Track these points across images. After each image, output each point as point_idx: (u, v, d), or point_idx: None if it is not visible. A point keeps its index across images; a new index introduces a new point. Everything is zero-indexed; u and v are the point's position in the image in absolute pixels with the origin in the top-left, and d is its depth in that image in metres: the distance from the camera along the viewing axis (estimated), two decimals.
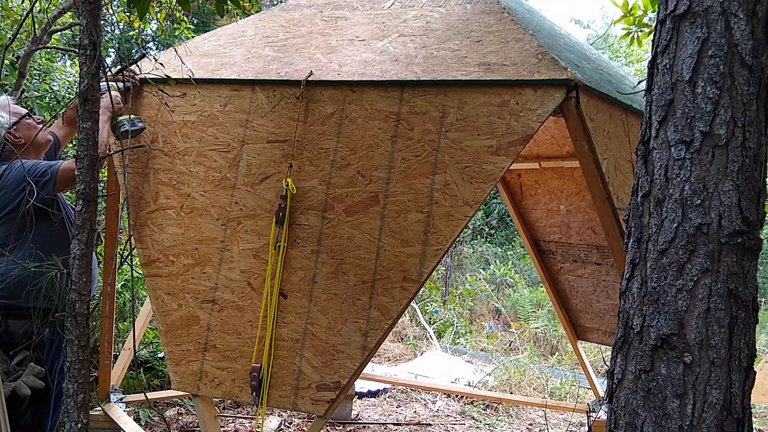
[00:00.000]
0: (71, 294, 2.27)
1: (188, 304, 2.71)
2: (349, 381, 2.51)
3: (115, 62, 9.72)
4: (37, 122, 2.97)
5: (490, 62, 2.57)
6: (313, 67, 2.78)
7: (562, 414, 5.35)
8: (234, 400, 4.54)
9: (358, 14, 3.18)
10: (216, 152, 2.81)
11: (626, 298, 1.75)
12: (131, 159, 2.89)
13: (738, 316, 1.61)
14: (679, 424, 1.60)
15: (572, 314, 5.03)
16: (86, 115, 2.28)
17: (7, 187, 2.74)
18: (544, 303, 9.09)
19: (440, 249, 2.45)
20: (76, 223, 2.31)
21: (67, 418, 2.23)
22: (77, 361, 2.26)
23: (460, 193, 2.46)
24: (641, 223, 1.73)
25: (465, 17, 2.92)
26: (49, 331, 2.72)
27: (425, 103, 2.58)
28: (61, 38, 6.93)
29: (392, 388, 5.67)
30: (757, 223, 1.64)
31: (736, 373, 1.60)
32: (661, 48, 1.73)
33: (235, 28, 3.30)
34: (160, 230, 2.81)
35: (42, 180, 2.70)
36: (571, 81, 2.39)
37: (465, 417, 5.17)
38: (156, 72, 2.76)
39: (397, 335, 7.83)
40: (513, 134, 2.43)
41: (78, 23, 2.64)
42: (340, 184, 2.62)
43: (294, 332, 2.57)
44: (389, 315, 2.46)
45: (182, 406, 4.74)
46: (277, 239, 2.63)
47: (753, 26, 1.63)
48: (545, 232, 4.92)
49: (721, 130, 1.61)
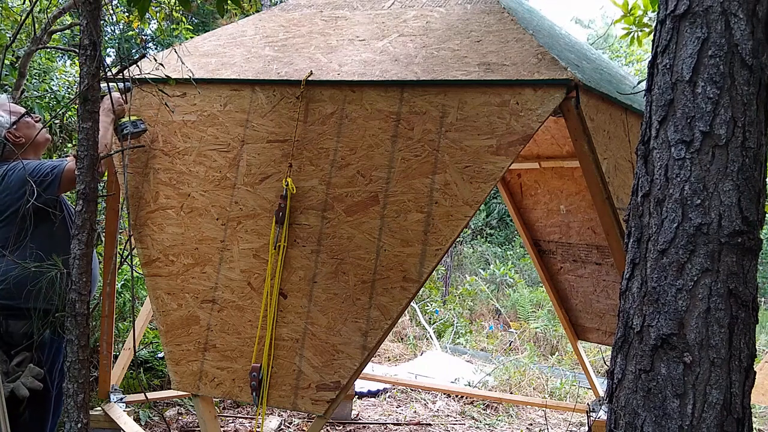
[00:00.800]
0: (71, 294, 2.27)
1: (188, 304, 2.71)
2: (349, 381, 2.51)
3: (115, 62, 9.73)
4: (35, 120, 2.96)
5: (490, 62, 2.57)
6: (313, 67, 2.78)
7: (562, 414, 5.35)
8: (234, 400, 4.55)
9: (358, 14, 3.18)
10: (216, 152, 2.81)
11: (626, 298, 1.75)
12: (131, 159, 2.89)
13: (738, 316, 1.61)
14: (679, 424, 1.60)
15: (572, 314, 5.03)
16: (86, 115, 2.27)
17: (11, 188, 2.73)
18: (544, 303, 9.09)
19: (440, 249, 2.45)
20: (75, 223, 2.31)
21: (67, 418, 2.23)
22: (77, 361, 2.26)
23: (460, 193, 2.46)
24: (641, 223, 1.73)
25: (465, 17, 2.92)
26: (50, 332, 2.71)
27: (425, 103, 2.58)
28: (61, 38, 6.93)
29: (392, 388, 5.67)
30: (757, 223, 1.64)
31: (736, 373, 1.60)
32: (661, 48, 1.73)
33: (235, 28, 3.30)
34: (160, 230, 2.81)
35: (46, 181, 2.69)
36: (571, 81, 2.39)
37: (465, 417, 5.17)
38: (156, 72, 2.76)
39: (397, 335, 7.83)
40: (513, 134, 2.43)
41: (78, 23, 2.64)
42: (340, 183, 2.62)
43: (294, 332, 2.57)
44: (389, 315, 2.46)
45: (182, 406, 4.74)
46: (277, 239, 2.63)
47: (753, 26, 1.63)
48: (545, 232, 4.92)
49: (721, 130, 1.61)
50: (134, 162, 2.90)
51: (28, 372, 2.65)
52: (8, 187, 2.73)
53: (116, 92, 2.77)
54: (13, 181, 2.73)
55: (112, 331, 3.76)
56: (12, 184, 2.73)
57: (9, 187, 2.73)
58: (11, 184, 2.73)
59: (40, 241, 2.71)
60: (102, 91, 2.44)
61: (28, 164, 2.68)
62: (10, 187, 2.73)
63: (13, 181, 2.73)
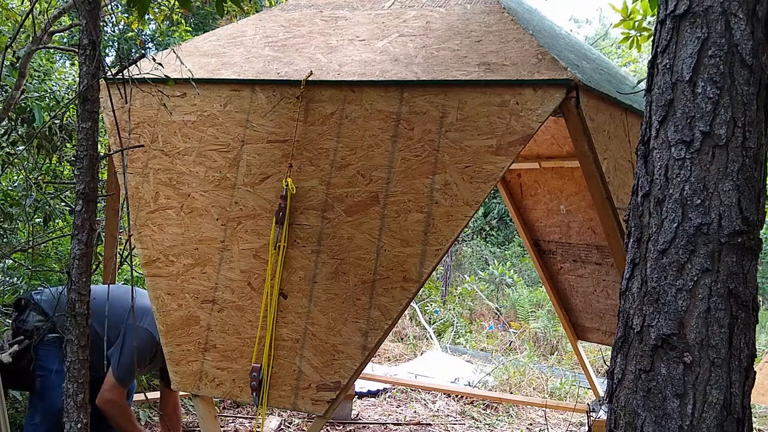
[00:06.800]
0: (71, 294, 2.27)
1: (188, 304, 2.71)
2: (349, 381, 2.51)
3: (114, 62, 9.73)
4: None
5: (490, 62, 2.57)
6: (313, 67, 2.78)
7: (562, 414, 5.35)
8: (234, 400, 4.54)
9: (358, 14, 3.18)
10: (216, 152, 2.81)
11: (626, 298, 1.75)
12: (131, 159, 2.89)
13: (738, 316, 1.61)
14: (679, 424, 1.60)
15: (572, 314, 5.03)
16: (86, 115, 2.27)
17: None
18: (544, 303, 9.09)
19: (440, 249, 2.45)
20: (75, 223, 2.31)
21: (67, 418, 2.22)
22: (77, 361, 2.26)
23: (460, 193, 2.46)
24: (641, 223, 1.73)
25: (465, 17, 2.92)
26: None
27: (425, 103, 2.57)
28: (61, 39, 6.93)
29: (392, 388, 5.67)
30: (757, 223, 1.64)
31: (736, 373, 1.60)
32: (661, 48, 1.73)
33: (235, 28, 3.30)
34: (160, 230, 2.81)
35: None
36: (571, 81, 2.39)
37: (465, 417, 5.16)
38: (155, 72, 2.76)
39: (397, 335, 7.82)
40: (513, 134, 2.43)
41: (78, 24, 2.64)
42: (340, 184, 2.62)
43: (294, 332, 2.57)
44: (389, 315, 2.46)
45: (182, 406, 4.74)
46: (277, 239, 2.62)
47: (753, 26, 1.63)
48: (545, 232, 4.92)
49: (721, 130, 1.61)
50: (134, 162, 2.90)
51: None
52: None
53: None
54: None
55: None
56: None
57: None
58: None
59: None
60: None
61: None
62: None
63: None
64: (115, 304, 2.81)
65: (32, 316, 2.91)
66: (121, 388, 2.87)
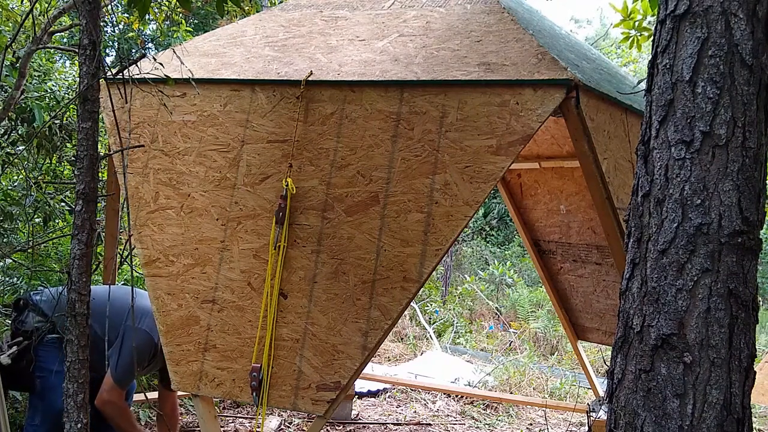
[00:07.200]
0: (71, 294, 2.27)
1: (188, 304, 2.71)
2: (349, 381, 2.51)
3: (115, 62, 9.73)
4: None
5: (490, 62, 2.57)
6: (313, 67, 2.78)
7: (562, 414, 5.35)
8: (234, 400, 4.54)
9: (358, 14, 3.18)
10: (216, 152, 2.81)
11: (626, 298, 1.75)
12: (131, 159, 2.89)
13: (738, 316, 1.61)
14: (679, 424, 1.60)
15: (572, 314, 5.03)
16: (86, 115, 2.27)
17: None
18: (544, 303, 9.08)
19: (440, 249, 2.45)
20: (75, 223, 2.31)
21: (68, 418, 2.22)
22: (77, 361, 2.26)
23: (460, 193, 2.46)
24: (641, 223, 1.73)
25: (465, 17, 2.92)
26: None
27: (425, 103, 2.58)
28: (61, 39, 6.93)
29: (392, 388, 5.67)
30: (757, 223, 1.64)
31: (736, 373, 1.60)
32: (661, 48, 1.73)
33: (235, 28, 3.30)
34: (160, 230, 2.81)
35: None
36: (571, 81, 2.39)
37: (465, 417, 5.16)
38: (156, 72, 2.76)
39: (397, 335, 7.82)
40: (513, 134, 2.43)
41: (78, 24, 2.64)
42: (340, 184, 2.62)
43: (294, 332, 2.57)
44: (389, 315, 2.46)
45: (182, 406, 4.74)
46: (277, 239, 2.63)
47: (753, 26, 1.63)
48: (545, 232, 4.92)
49: (721, 130, 1.61)
50: (134, 162, 2.90)
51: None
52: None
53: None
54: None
55: None
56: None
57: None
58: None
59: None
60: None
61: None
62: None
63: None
64: (114, 305, 2.81)
65: (31, 316, 2.91)
66: (119, 389, 2.87)
